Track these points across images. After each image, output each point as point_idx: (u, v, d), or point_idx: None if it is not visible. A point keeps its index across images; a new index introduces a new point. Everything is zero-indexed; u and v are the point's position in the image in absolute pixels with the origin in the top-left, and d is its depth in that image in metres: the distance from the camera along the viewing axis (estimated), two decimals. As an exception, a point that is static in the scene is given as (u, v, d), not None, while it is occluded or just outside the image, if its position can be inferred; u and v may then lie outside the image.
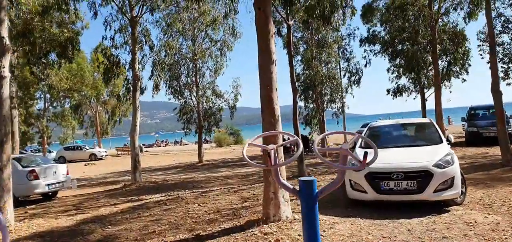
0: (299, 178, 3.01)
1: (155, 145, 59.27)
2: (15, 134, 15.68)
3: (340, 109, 22.03)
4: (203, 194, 10.57)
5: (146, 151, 42.95)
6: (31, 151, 37.32)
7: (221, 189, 11.45)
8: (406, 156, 7.17)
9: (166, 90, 20.97)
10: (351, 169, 3.15)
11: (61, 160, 33.90)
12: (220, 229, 6.62)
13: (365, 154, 2.81)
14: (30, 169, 11.47)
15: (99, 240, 6.67)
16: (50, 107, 32.41)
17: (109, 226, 7.58)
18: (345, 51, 21.75)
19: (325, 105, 21.70)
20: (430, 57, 19.88)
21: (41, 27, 13.99)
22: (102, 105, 44.07)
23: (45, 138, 31.15)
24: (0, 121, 7.88)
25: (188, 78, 21.02)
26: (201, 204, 9.10)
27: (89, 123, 44.84)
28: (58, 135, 34.40)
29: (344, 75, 22.17)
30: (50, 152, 36.99)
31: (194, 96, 21.12)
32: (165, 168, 22.13)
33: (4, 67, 8.05)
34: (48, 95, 32.02)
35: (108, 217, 8.60)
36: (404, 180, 6.67)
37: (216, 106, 21.45)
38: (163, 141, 66.27)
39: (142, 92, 15.04)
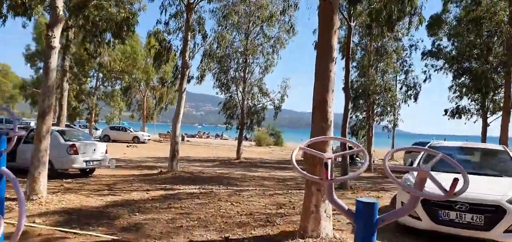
0: (357, 199, 2.32)
1: (197, 136, 60.12)
2: (64, 107, 16.01)
3: (392, 124, 20.62)
4: (237, 193, 10.05)
5: (188, 141, 43.47)
6: (80, 126, 39.00)
7: (256, 190, 10.87)
8: (474, 185, 6.17)
9: (214, 83, 20.81)
10: (432, 197, 2.33)
11: (105, 138, 35.05)
12: (251, 236, 6.03)
13: (455, 180, 2.06)
14: (71, 143, 11.53)
15: (124, 227, 6.31)
16: (101, 86, 33.57)
17: (137, 213, 7.23)
18: (404, 63, 20.36)
19: (376, 118, 20.43)
20: (501, 79, 18.06)
21: (98, 3, 14.15)
22: (151, 90, 45.14)
23: (93, 115, 32.29)
24: (45, 92, 7.78)
25: (237, 73, 20.69)
26: (234, 203, 8.57)
27: (136, 106, 46.13)
28: (105, 113, 35.58)
29: (401, 88, 20.77)
30: (96, 129, 38.40)
31: (240, 91, 20.73)
32: (203, 159, 21.96)
33: (54, 37, 7.92)
34: (101, 75, 33.18)
35: (138, 202, 8.29)
36: (469, 212, 5.71)
37: (260, 105, 20.95)
38: (205, 132, 67.19)
39: (189, 81, 14.82)
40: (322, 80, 5.69)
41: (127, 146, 29.51)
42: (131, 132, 36.65)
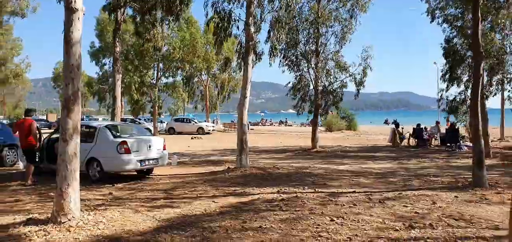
0: None
1: (260, 124, 58.18)
2: (118, 99, 14.35)
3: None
4: (332, 199, 7.30)
5: (252, 129, 41.50)
6: (145, 120, 38.67)
7: (355, 192, 8.03)
8: None
9: (280, 61, 18.04)
10: None
11: (170, 131, 34.22)
12: None
13: None
14: (122, 140, 9.57)
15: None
16: (163, 77, 32.47)
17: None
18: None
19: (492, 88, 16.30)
20: None
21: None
22: (212, 78, 43.70)
23: (156, 108, 31.28)
24: (67, 71, 5.62)
25: (307, 46, 17.67)
26: (335, 219, 5.86)
27: (199, 96, 45.10)
28: (169, 105, 34.68)
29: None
30: (161, 122, 37.79)
31: (312, 68, 17.69)
32: (272, 150, 19.46)
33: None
34: (161, 65, 32.07)
35: (200, 220, 5.92)
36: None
37: (338, 82, 17.67)
38: (268, 120, 64.99)
39: (258, 58, 12.24)
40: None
41: (192, 138, 28.08)
42: (195, 123, 35.48)
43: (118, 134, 10.08)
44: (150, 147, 10.13)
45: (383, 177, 10.23)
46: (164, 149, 10.74)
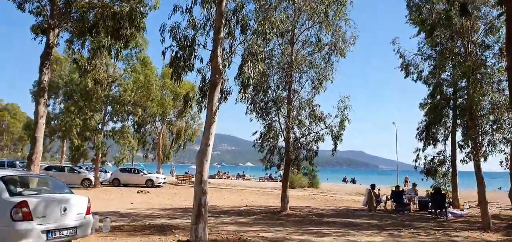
0: None
1: (216, 176, 54.71)
2: (39, 141, 11.05)
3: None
4: None
5: (209, 182, 38.05)
6: (87, 168, 34.19)
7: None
8: None
9: (247, 107, 15.64)
10: None
11: (115, 182, 30.12)
12: None
13: None
14: (21, 199, 6.43)
15: None
16: (110, 122, 28.92)
17: None
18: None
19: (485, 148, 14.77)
20: None
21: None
22: (168, 126, 40.32)
23: (99, 156, 27.41)
24: None
25: (277, 93, 15.41)
26: None
27: (151, 144, 41.27)
28: (115, 154, 30.76)
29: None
30: (105, 172, 33.56)
31: (284, 116, 15.37)
32: (234, 211, 16.52)
33: None
34: (110, 108, 28.64)
35: None
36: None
37: (312, 134, 15.33)
38: (225, 172, 61.67)
39: (224, 98, 9.72)
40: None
41: (138, 192, 24.34)
42: (144, 174, 31.64)
43: (17, 190, 6.91)
44: (65, 210, 7.00)
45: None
46: (88, 212, 7.62)
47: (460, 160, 17.21)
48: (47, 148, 40.35)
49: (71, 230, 7.05)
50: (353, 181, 58.18)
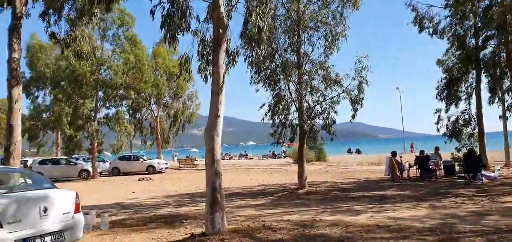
0: None
1: (219, 158, 53.21)
2: (16, 130, 9.40)
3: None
4: None
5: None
6: (83, 159, 32.53)
7: None
8: None
9: (251, 76, 13.94)
10: None
11: (114, 171, 28.55)
12: None
13: None
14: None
15: None
16: (103, 108, 27.12)
17: None
18: None
19: None
20: None
21: None
22: (164, 109, 38.43)
23: (95, 145, 25.73)
24: None
25: (285, 57, 13.62)
26: None
27: (149, 129, 39.48)
28: (111, 141, 29.02)
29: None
30: (103, 161, 31.94)
31: (294, 84, 13.64)
32: (247, 192, 15.06)
33: None
34: (101, 94, 26.80)
35: None
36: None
37: (327, 101, 13.63)
38: (226, 153, 60.24)
39: (232, 60, 8.06)
40: None
41: (139, 180, 22.83)
42: (144, 160, 30.04)
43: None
44: (45, 210, 5.41)
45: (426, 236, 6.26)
46: (78, 210, 6.04)
47: (499, 116, 15.70)
48: (41, 142, 38.57)
49: (55, 235, 5.48)
50: (358, 151, 56.88)
